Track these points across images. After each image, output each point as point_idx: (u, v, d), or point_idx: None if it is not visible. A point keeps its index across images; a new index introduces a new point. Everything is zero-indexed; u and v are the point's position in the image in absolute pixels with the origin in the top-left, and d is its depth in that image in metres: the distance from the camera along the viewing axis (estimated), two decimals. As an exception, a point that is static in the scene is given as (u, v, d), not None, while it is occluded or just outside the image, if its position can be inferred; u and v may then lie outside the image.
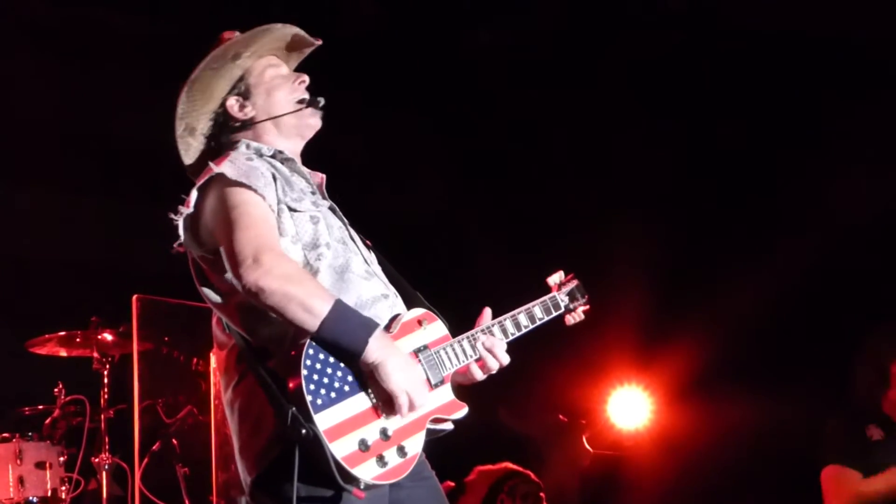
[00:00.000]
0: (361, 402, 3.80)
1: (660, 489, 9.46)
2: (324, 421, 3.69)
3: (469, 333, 4.25)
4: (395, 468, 3.82)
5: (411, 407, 3.85)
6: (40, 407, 7.70)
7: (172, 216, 3.98)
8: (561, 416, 9.52)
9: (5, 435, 7.43)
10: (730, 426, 8.90)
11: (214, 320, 4.08)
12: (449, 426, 4.13)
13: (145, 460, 7.61)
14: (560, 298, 4.78)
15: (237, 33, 4.26)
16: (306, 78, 4.31)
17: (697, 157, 9.14)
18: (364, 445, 3.74)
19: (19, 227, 8.27)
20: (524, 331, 4.52)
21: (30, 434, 7.45)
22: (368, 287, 4.05)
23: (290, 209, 4.00)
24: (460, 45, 8.86)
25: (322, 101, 4.28)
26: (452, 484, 7.24)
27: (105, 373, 7.64)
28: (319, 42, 4.38)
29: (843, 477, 6.20)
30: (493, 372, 4.32)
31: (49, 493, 7.37)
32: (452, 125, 9.12)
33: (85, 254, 8.43)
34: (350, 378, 3.80)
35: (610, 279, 9.04)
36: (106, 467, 7.48)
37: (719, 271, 8.97)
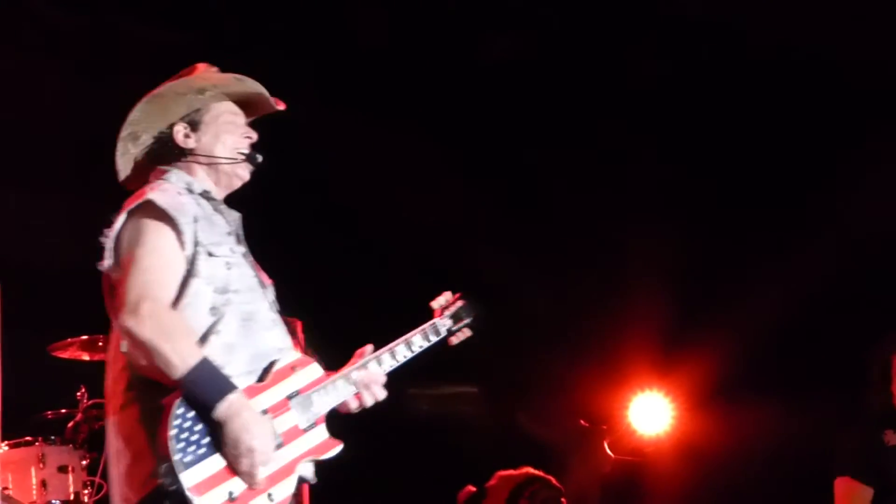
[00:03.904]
0: None
1: (680, 495, 9.45)
2: (190, 478, 3.84)
3: (343, 372, 4.39)
4: None
5: (252, 466, 3.94)
6: (63, 411, 7.73)
7: (102, 239, 4.15)
8: (582, 422, 9.52)
9: (28, 438, 7.46)
10: (751, 433, 8.89)
11: (115, 334, 4.17)
12: (310, 476, 4.22)
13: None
14: (441, 324, 4.85)
15: (214, 69, 4.40)
16: (254, 136, 4.44)
17: (721, 163, 9.13)
18: (232, 497, 3.90)
19: (42, 233, 8.30)
20: (404, 360, 4.63)
21: (52, 438, 7.48)
22: (269, 337, 4.22)
23: (209, 254, 4.12)
24: (469, 56, 8.86)
25: (260, 158, 4.41)
26: (474, 488, 7.24)
27: (127, 377, 7.65)
28: (282, 107, 4.50)
29: (855, 492, 6.19)
30: (369, 406, 4.48)
31: (71, 497, 7.40)
32: (468, 137, 9.11)
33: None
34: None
35: (632, 285, 9.05)
36: (128, 471, 7.50)
37: (741, 277, 8.96)
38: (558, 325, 9.31)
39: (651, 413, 9.58)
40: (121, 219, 4.14)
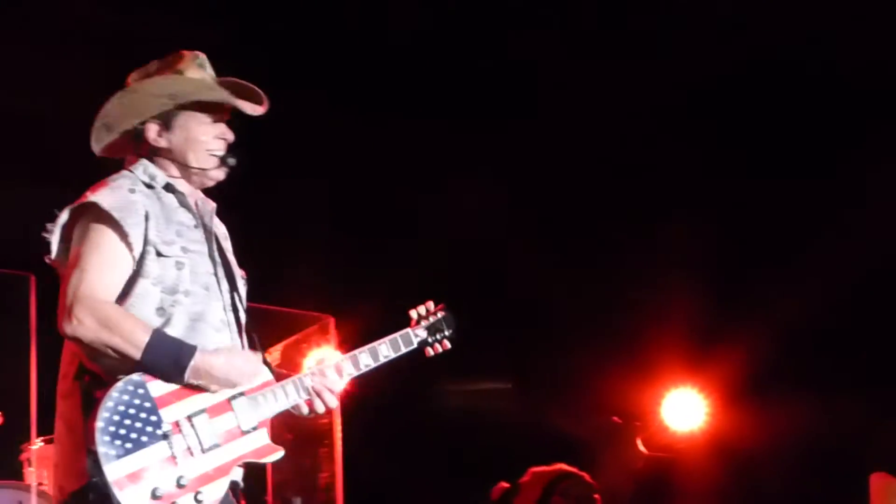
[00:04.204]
0: (159, 451, 3.94)
1: (714, 492, 9.43)
2: (114, 471, 3.85)
3: (296, 377, 4.35)
4: None
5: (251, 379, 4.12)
6: (97, 407, 7.75)
7: (45, 234, 4.17)
8: (615, 418, 9.51)
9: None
10: (785, 429, 8.87)
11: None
12: (239, 479, 4.22)
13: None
14: (414, 334, 4.75)
15: (200, 58, 4.40)
16: (230, 137, 4.39)
17: (750, 157, 9.10)
18: (155, 494, 3.89)
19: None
20: (365, 369, 4.56)
21: (87, 434, 7.50)
22: (217, 339, 4.19)
23: (158, 253, 4.12)
24: (476, 55, 8.86)
25: (234, 161, 4.37)
26: (507, 485, 7.24)
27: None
28: (257, 112, 4.43)
29: (891, 488, 6.16)
30: (321, 413, 4.41)
31: (106, 492, 7.41)
32: (498, 129, 9.10)
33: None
34: (150, 428, 3.94)
35: (666, 281, 9.04)
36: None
37: (775, 272, 8.94)
38: (591, 322, 9.31)
39: (684, 409, 9.56)
40: (63, 216, 4.18)
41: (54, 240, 4.17)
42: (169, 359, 3.97)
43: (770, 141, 9.09)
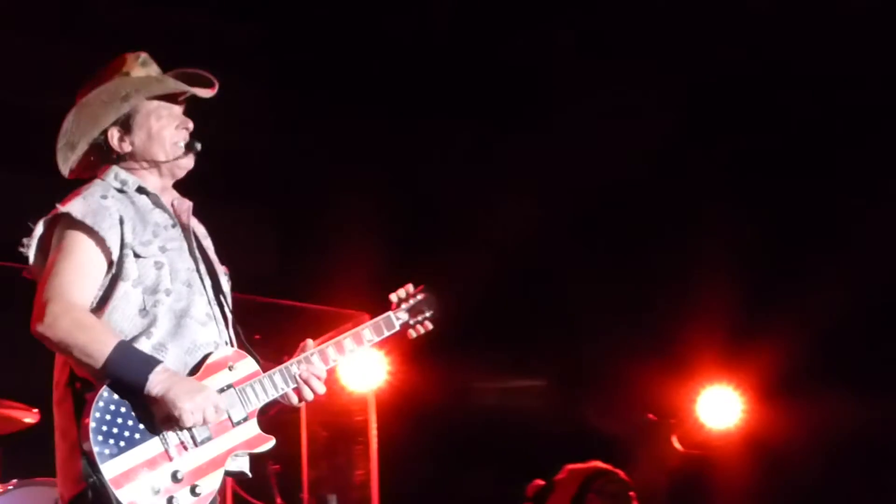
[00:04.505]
0: (153, 447, 4.01)
1: (749, 489, 9.41)
2: (111, 470, 3.91)
3: (283, 366, 4.37)
4: None
5: (204, 422, 4.05)
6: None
7: (22, 248, 4.23)
8: (650, 416, 9.50)
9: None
10: (822, 426, 8.84)
11: None
12: (246, 470, 4.26)
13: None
14: (395, 317, 4.80)
15: (142, 57, 4.42)
16: (190, 125, 4.43)
17: (787, 153, 9.08)
18: (153, 490, 3.95)
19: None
20: (350, 354, 4.63)
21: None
22: (204, 333, 4.24)
23: (136, 255, 4.17)
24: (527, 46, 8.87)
25: (199, 146, 4.41)
26: (542, 482, 7.25)
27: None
28: (207, 95, 4.45)
29: None
30: (310, 400, 4.42)
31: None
32: (534, 128, 9.10)
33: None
34: (142, 425, 4.01)
35: (701, 277, 9.03)
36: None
37: (811, 268, 8.91)
38: (626, 319, 9.30)
39: (720, 406, 9.53)
40: (38, 228, 4.23)
41: (31, 252, 4.23)
42: (135, 363, 4.00)
43: (803, 137, 9.08)
